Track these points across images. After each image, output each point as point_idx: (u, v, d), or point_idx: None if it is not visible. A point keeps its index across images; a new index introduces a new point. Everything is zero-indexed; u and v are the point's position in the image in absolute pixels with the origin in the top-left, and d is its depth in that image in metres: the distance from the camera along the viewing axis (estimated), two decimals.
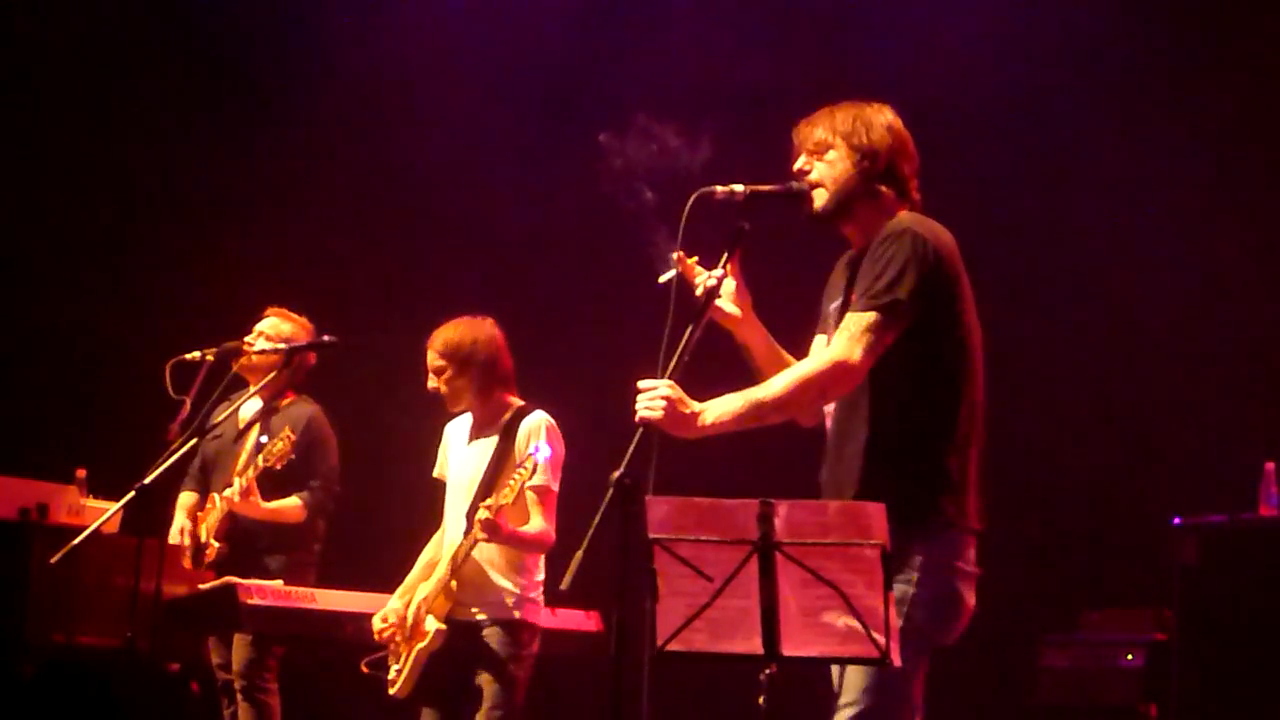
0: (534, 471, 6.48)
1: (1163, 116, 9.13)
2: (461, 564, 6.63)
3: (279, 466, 7.49)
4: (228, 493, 7.59)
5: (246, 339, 7.84)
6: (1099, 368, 9.26)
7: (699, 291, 4.69)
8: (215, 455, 8.00)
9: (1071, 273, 9.33)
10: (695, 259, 4.72)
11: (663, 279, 4.68)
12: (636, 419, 4.43)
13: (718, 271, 4.71)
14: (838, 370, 4.53)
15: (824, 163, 4.80)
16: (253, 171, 10.47)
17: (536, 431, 6.71)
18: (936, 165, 5.05)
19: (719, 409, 4.52)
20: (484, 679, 6.62)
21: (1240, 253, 8.83)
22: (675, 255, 4.67)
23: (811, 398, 4.62)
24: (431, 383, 6.91)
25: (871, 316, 4.53)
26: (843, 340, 4.55)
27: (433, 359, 6.90)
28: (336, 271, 10.26)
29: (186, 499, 8.02)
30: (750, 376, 4.78)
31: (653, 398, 4.45)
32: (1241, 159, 8.89)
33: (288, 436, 7.47)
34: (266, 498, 7.61)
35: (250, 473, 7.52)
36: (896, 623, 4.13)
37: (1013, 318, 6.92)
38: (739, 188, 4.69)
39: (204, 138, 10.55)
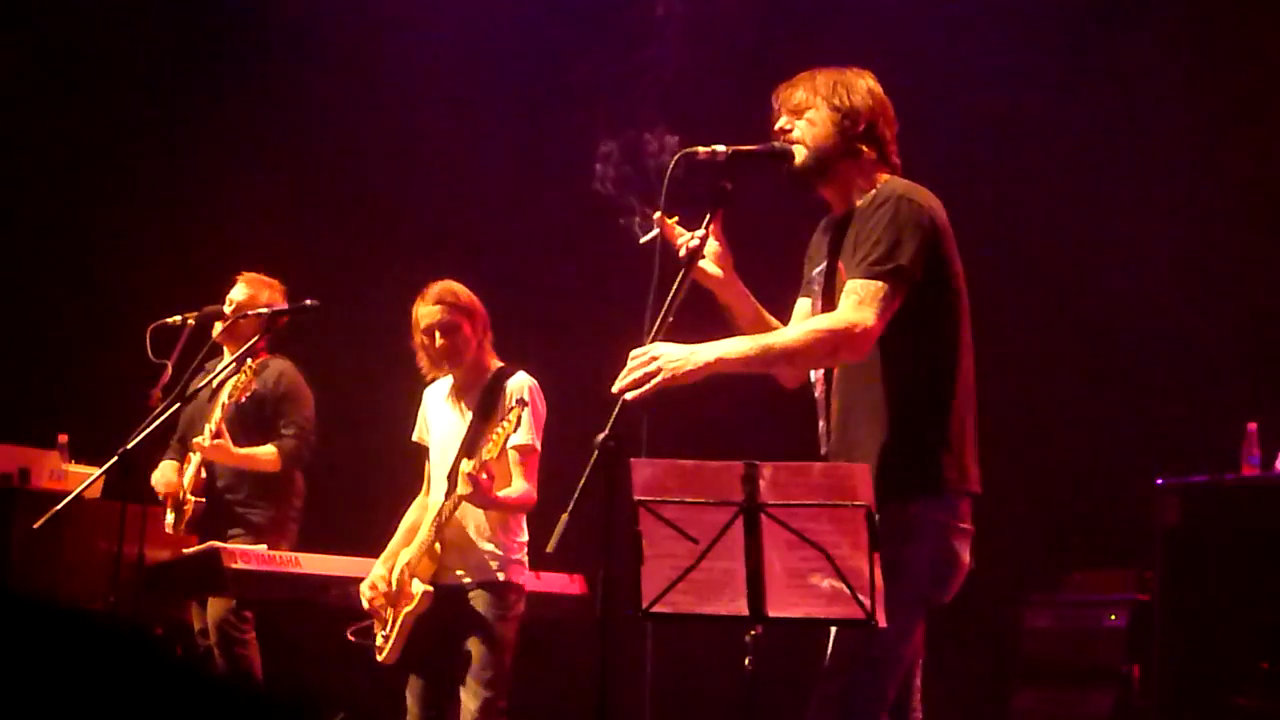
0: (517, 424, 6.44)
1: (1146, 85, 9.14)
2: (445, 525, 6.61)
3: (243, 399, 7.46)
4: (198, 439, 7.56)
5: (223, 308, 7.81)
6: (1082, 329, 9.27)
7: (681, 252, 4.68)
8: (191, 420, 7.99)
9: (1055, 237, 9.33)
10: (676, 219, 4.71)
11: (644, 239, 4.67)
12: (642, 390, 4.36)
13: (700, 232, 4.70)
14: (854, 333, 4.49)
15: (804, 121, 4.79)
16: (231, 137, 10.44)
17: (520, 391, 6.67)
18: (916, 134, 5.05)
19: (725, 347, 4.49)
20: (472, 642, 6.58)
21: (1223, 216, 8.85)
22: (656, 216, 4.66)
23: (822, 354, 4.59)
24: (438, 339, 6.77)
25: (878, 284, 4.52)
26: (852, 304, 4.53)
27: (437, 314, 6.75)
28: (317, 236, 10.24)
29: (167, 466, 8.00)
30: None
31: (646, 361, 4.40)
32: (1220, 129, 8.89)
33: (249, 369, 7.43)
34: (241, 446, 7.60)
35: (218, 413, 7.50)
36: (890, 583, 4.15)
37: (996, 282, 6.90)
38: (721, 148, 4.67)
39: (184, 103, 10.52)
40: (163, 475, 7.85)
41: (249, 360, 7.49)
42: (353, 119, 10.48)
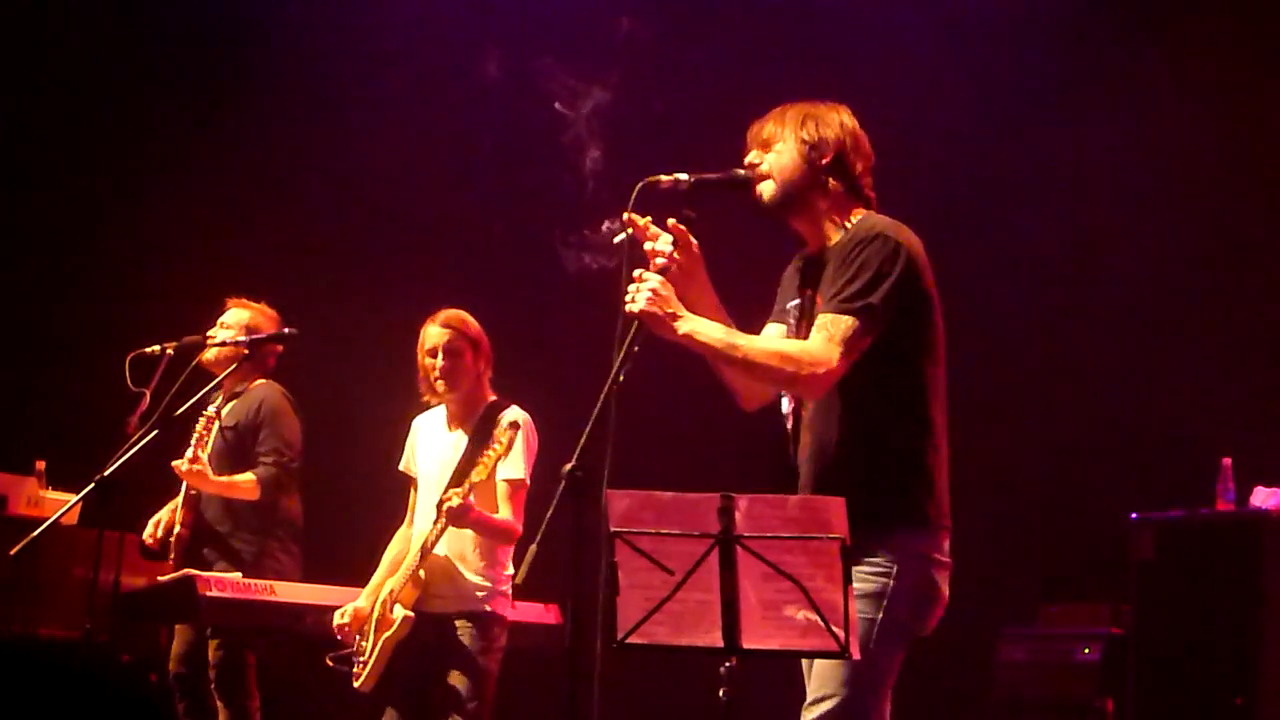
0: (508, 447, 6.46)
1: (1122, 113, 9.18)
2: (430, 551, 6.63)
3: (207, 440, 7.56)
4: (176, 463, 7.56)
5: (210, 332, 7.83)
6: (1057, 362, 9.30)
7: (657, 260, 4.68)
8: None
9: (1030, 269, 9.37)
10: (648, 218, 4.71)
11: (616, 239, 4.69)
12: (625, 310, 4.49)
13: (667, 249, 4.70)
14: (815, 372, 4.53)
15: (772, 154, 4.83)
16: (214, 162, 10.43)
17: (513, 425, 6.71)
18: (893, 160, 5.08)
19: (701, 326, 4.57)
20: (455, 674, 6.63)
21: (1199, 249, 8.89)
22: (625, 216, 4.67)
23: (779, 379, 4.64)
24: (437, 361, 6.84)
25: (849, 321, 4.54)
26: (821, 340, 4.55)
27: (444, 336, 6.85)
28: (301, 265, 10.24)
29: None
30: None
31: (640, 290, 4.50)
32: (1201, 157, 8.92)
33: (212, 414, 7.57)
34: (223, 475, 7.63)
35: (194, 444, 7.53)
36: (875, 616, 4.30)
37: (970, 313, 6.92)
38: (683, 176, 4.69)
39: (166, 128, 10.51)
40: (155, 518, 7.87)
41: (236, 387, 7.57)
42: (341, 147, 10.46)
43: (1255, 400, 8.64)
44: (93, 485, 6.75)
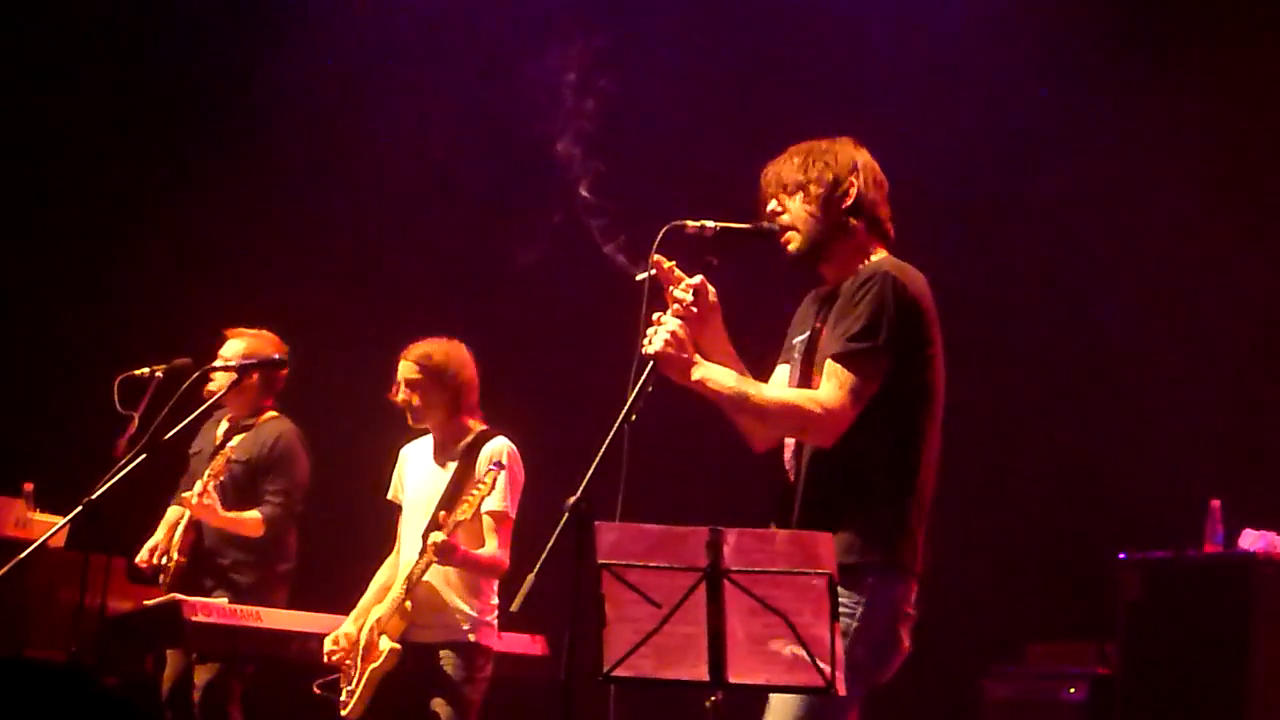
0: (492, 487, 6.48)
1: (1122, 143, 9.19)
2: (416, 585, 6.64)
3: (221, 478, 7.51)
4: (186, 494, 7.55)
5: (212, 365, 7.79)
6: (1046, 401, 9.30)
7: (673, 304, 4.70)
8: (193, 473, 7.97)
9: (1017, 307, 9.37)
10: (673, 262, 4.73)
11: (640, 277, 4.71)
12: (642, 350, 4.55)
13: (688, 296, 4.72)
14: (828, 419, 4.60)
15: (794, 204, 4.83)
16: (208, 187, 10.41)
17: (498, 456, 6.72)
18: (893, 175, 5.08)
19: (713, 373, 4.63)
20: (438, 703, 6.64)
21: (1186, 290, 8.90)
22: (654, 258, 4.69)
23: (790, 426, 4.72)
24: (401, 395, 6.90)
25: (855, 368, 4.60)
26: (831, 389, 4.61)
27: (408, 370, 6.89)
28: (291, 291, 10.21)
29: (172, 514, 7.95)
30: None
31: (659, 332, 4.56)
32: (1193, 192, 8.93)
33: (230, 449, 7.54)
34: (230, 510, 7.59)
35: (208, 479, 7.51)
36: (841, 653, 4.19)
37: (959, 352, 6.92)
38: (710, 223, 4.72)
39: (153, 156, 10.50)
40: (151, 543, 7.82)
41: (234, 441, 7.57)
42: (335, 172, 10.44)
43: (1245, 442, 8.65)
44: (80, 508, 6.71)
